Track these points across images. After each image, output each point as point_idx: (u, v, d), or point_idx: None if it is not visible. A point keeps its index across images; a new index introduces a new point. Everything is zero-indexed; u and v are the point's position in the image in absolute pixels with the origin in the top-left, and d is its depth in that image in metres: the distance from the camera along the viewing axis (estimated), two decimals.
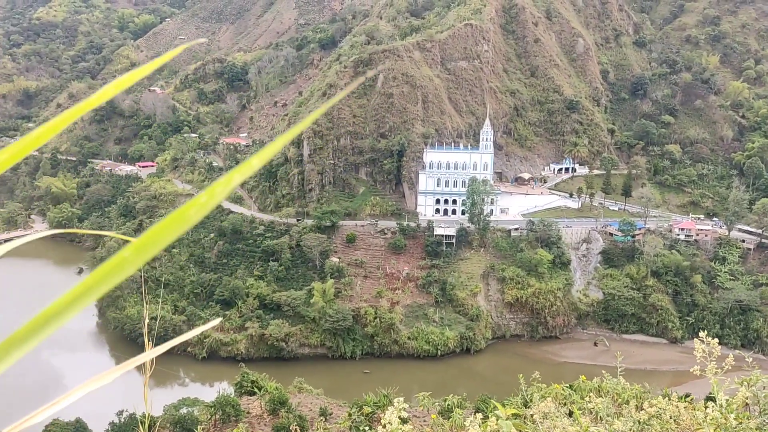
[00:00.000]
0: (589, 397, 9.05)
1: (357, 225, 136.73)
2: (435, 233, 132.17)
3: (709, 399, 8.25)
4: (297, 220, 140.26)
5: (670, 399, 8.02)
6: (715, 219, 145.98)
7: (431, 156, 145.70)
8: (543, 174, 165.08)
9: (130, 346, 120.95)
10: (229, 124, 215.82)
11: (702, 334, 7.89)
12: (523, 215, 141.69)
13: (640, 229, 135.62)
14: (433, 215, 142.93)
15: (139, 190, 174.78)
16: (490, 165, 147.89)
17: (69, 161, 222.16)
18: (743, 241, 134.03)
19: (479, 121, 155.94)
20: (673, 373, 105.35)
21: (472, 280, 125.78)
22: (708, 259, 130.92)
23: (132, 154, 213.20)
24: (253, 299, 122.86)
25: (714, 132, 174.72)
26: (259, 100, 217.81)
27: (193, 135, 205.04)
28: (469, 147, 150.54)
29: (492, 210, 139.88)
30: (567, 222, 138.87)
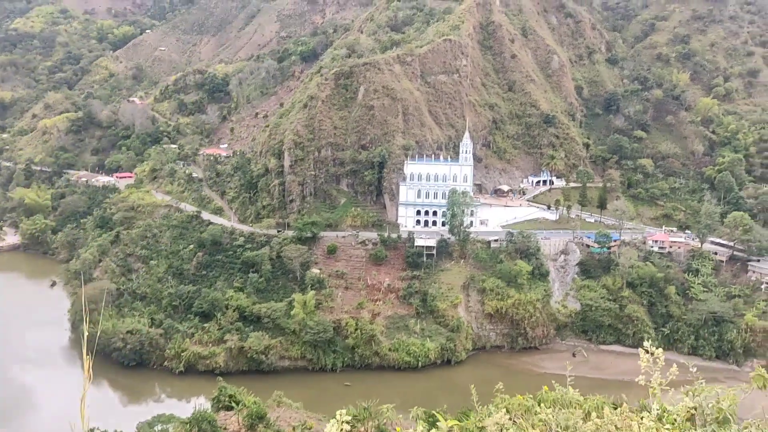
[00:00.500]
0: (540, 408, 9.12)
1: (338, 236, 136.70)
2: (416, 244, 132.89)
3: (643, 408, 8.16)
4: (278, 231, 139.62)
5: (618, 410, 7.95)
6: (688, 231, 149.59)
7: (412, 168, 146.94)
8: (521, 186, 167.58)
9: (104, 361, 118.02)
10: (210, 135, 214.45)
11: (646, 343, 7.83)
12: (503, 227, 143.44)
13: (615, 241, 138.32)
14: (414, 226, 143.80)
15: (117, 201, 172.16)
16: (469, 177, 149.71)
17: (44, 172, 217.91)
18: (716, 254, 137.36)
19: (459, 134, 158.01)
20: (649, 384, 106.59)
21: (452, 291, 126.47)
22: (681, 271, 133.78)
23: (109, 164, 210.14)
24: (233, 311, 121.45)
25: (685, 147, 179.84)
26: (240, 111, 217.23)
27: (173, 146, 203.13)
28: (449, 159, 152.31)
29: (472, 221, 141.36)
30: (545, 234, 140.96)
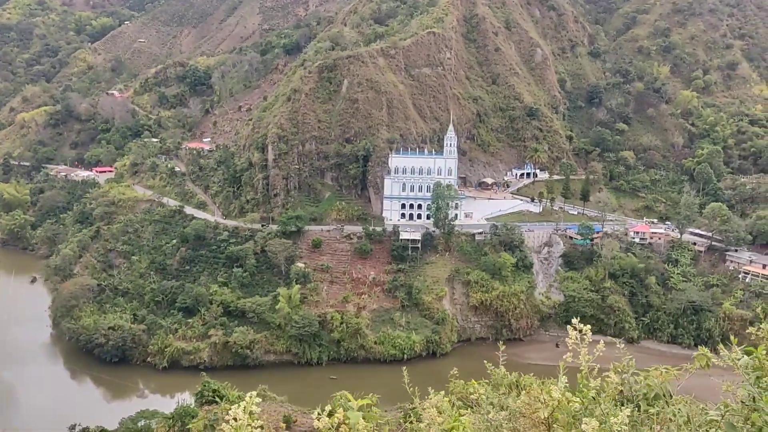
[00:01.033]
0: (474, 389, 9.07)
1: (323, 230, 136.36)
2: (401, 237, 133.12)
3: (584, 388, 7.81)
4: (262, 225, 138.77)
5: (545, 386, 7.75)
6: (668, 223, 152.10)
7: (396, 161, 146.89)
8: (506, 179, 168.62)
9: (85, 357, 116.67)
10: (192, 128, 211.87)
11: (574, 320, 7.87)
12: (487, 219, 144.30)
13: (597, 233, 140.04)
14: (399, 220, 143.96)
15: (97, 195, 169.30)
16: (454, 170, 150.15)
17: (22, 166, 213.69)
18: (694, 244, 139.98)
19: (443, 127, 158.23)
20: None
21: (437, 283, 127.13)
22: (662, 261, 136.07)
23: (89, 159, 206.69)
24: (217, 306, 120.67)
25: (666, 139, 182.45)
26: (223, 104, 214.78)
27: (154, 140, 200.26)
28: (434, 152, 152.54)
29: (456, 214, 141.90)
30: (529, 226, 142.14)
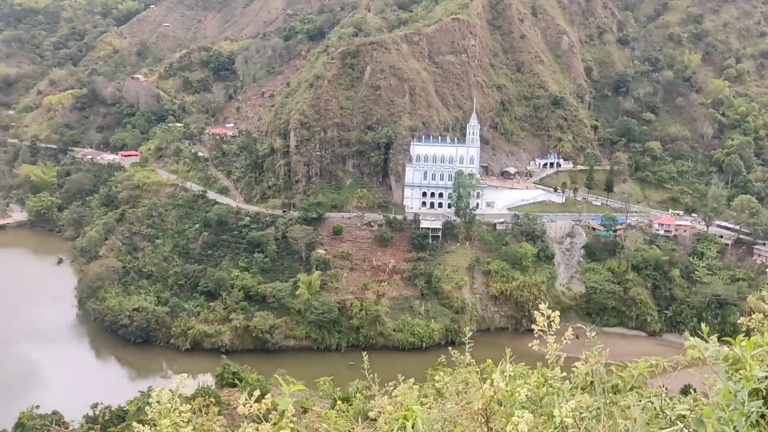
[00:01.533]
0: (440, 377, 8.91)
1: (343, 217, 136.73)
2: (421, 226, 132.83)
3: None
4: (283, 211, 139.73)
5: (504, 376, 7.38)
6: (694, 215, 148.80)
7: (418, 149, 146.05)
8: (528, 168, 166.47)
9: (110, 337, 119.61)
10: (215, 114, 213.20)
11: (542, 306, 7.48)
12: (509, 209, 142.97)
13: (621, 224, 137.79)
14: (420, 208, 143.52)
15: (122, 179, 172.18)
16: (476, 159, 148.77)
17: (49, 149, 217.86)
18: (721, 237, 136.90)
19: (466, 115, 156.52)
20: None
21: (457, 272, 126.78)
22: (686, 254, 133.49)
23: (114, 142, 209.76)
24: (238, 291, 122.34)
25: (694, 129, 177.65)
26: (246, 90, 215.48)
27: (178, 124, 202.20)
28: (456, 141, 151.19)
29: (478, 203, 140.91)
30: (551, 216, 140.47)
